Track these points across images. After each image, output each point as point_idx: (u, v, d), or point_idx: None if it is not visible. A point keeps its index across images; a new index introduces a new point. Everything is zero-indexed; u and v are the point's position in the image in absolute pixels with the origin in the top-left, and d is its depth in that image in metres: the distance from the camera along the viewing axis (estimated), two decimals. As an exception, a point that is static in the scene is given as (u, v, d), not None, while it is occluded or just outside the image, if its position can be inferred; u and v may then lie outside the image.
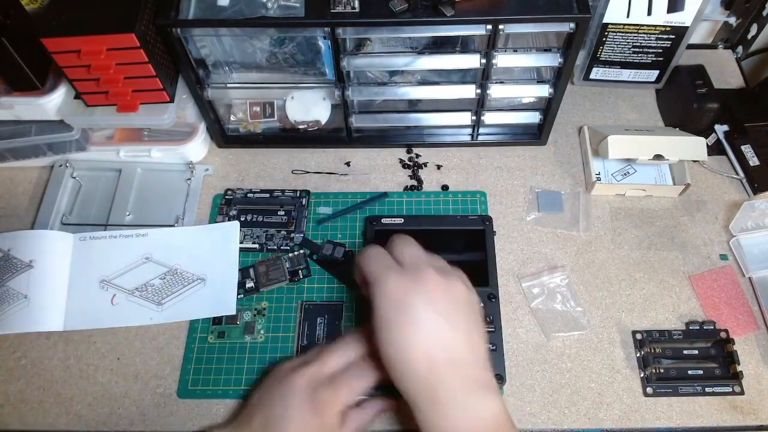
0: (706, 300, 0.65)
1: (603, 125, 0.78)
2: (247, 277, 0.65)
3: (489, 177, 0.74)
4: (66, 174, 0.73)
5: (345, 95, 0.67)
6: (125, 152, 0.72)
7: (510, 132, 0.76)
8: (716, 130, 0.75)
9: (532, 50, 0.64)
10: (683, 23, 0.70)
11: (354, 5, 0.57)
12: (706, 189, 0.73)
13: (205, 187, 0.73)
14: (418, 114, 0.73)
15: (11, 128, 0.69)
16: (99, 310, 0.63)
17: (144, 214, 0.71)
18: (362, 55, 0.64)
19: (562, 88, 0.67)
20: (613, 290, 0.66)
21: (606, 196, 0.72)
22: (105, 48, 0.58)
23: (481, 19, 0.58)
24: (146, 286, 0.65)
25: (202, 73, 0.66)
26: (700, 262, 0.67)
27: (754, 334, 0.63)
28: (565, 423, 0.58)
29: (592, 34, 0.74)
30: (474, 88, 0.67)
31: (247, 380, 0.60)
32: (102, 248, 0.67)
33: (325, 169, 0.75)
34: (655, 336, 0.62)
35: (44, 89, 0.65)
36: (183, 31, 0.60)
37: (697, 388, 0.59)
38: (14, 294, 0.63)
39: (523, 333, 0.63)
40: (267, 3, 0.57)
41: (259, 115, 0.73)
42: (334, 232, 0.69)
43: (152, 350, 0.62)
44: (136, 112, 0.65)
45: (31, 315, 0.62)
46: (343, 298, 0.65)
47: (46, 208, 0.70)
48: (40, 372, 0.61)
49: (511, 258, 0.68)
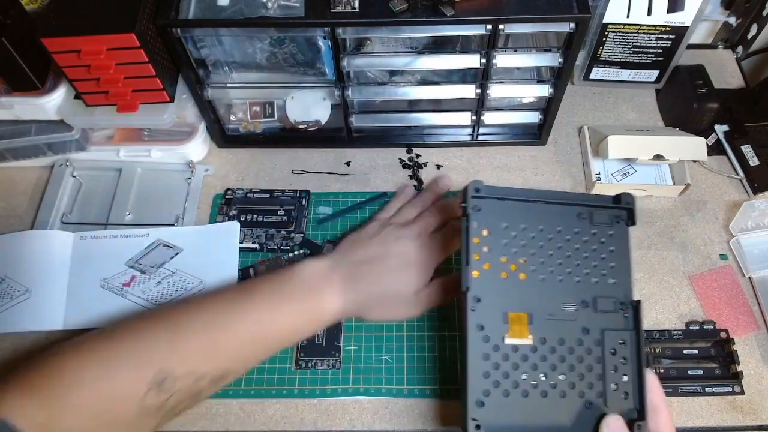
0: (706, 300, 0.65)
1: (603, 125, 0.78)
2: (247, 277, 0.65)
3: (489, 177, 0.74)
4: (66, 174, 0.73)
5: (345, 95, 0.67)
6: (125, 152, 0.72)
7: (510, 132, 0.76)
8: (716, 130, 0.75)
9: (532, 50, 0.64)
10: (683, 23, 0.70)
11: (354, 5, 0.57)
12: (706, 189, 0.73)
13: (205, 186, 0.73)
14: (418, 114, 0.73)
15: (11, 128, 0.69)
16: (99, 309, 0.63)
17: (144, 213, 0.71)
18: (362, 55, 0.64)
19: (562, 88, 0.67)
20: (613, 290, 0.66)
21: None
22: (105, 48, 0.58)
23: (481, 19, 0.58)
24: (146, 287, 0.65)
25: (202, 73, 0.66)
26: (700, 262, 0.67)
27: (754, 334, 0.63)
28: (565, 423, 0.58)
29: (592, 34, 0.74)
30: (474, 88, 0.67)
31: (247, 380, 0.60)
32: (102, 248, 0.67)
33: (325, 169, 0.75)
34: (655, 336, 0.62)
35: (44, 89, 0.65)
36: (183, 31, 0.60)
37: (697, 388, 0.59)
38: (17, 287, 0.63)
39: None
40: (267, 3, 0.57)
41: (259, 115, 0.73)
42: (334, 232, 0.69)
43: (152, 350, 0.62)
44: (136, 112, 0.65)
45: (32, 312, 0.62)
46: (343, 298, 0.65)
47: (46, 207, 0.70)
48: (40, 372, 0.61)
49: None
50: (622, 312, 0.47)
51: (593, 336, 0.46)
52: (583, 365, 0.45)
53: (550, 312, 0.46)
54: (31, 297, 0.63)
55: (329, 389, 0.60)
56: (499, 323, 0.45)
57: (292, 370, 0.61)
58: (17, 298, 0.63)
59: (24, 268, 0.65)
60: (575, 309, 0.47)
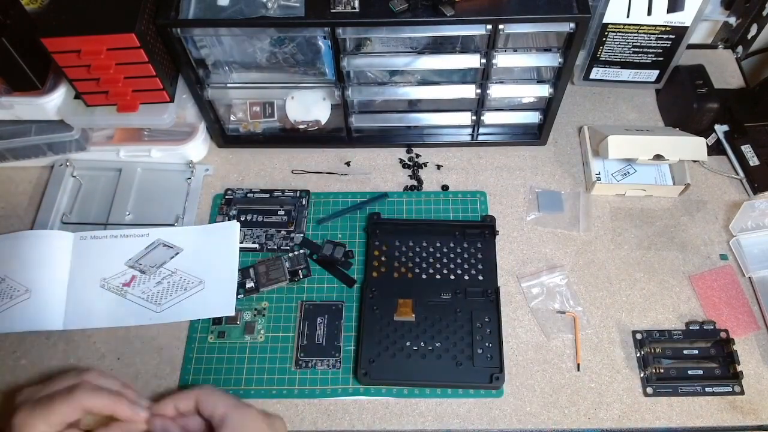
0: (706, 300, 0.65)
1: (603, 125, 0.78)
2: (247, 277, 0.65)
3: (489, 177, 0.74)
4: (66, 173, 0.73)
5: (345, 95, 0.67)
6: (125, 152, 0.72)
7: (510, 132, 0.76)
8: (716, 130, 0.75)
9: (532, 50, 0.64)
10: (683, 23, 0.70)
11: (354, 5, 0.57)
12: (706, 189, 0.73)
13: (205, 186, 0.73)
14: (418, 114, 0.73)
15: (11, 128, 0.69)
16: (99, 309, 0.63)
17: (144, 213, 0.71)
18: (362, 55, 0.64)
19: (562, 88, 0.67)
20: (613, 290, 0.66)
21: (606, 196, 0.72)
22: (105, 48, 0.58)
23: (481, 19, 0.58)
24: (146, 287, 0.65)
25: (202, 73, 0.66)
26: (700, 262, 0.67)
27: (754, 334, 0.63)
28: (565, 423, 0.58)
29: (592, 34, 0.74)
30: (474, 88, 0.67)
31: (248, 380, 0.60)
32: (102, 248, 0.67)
33: (325, 169, 0.75)
34: (655, 336, 0.62)
35: (44, 89, 0.65)
36: (183, 31, 0.60)
37: (697, 388, 0.59)
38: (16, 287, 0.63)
39: (523, 333, 0.63)
40: (267, 3, 0.57)
41: (259, 115, 0.73)
42: (334, 232, 0.69)
43: (152, 350, 0.62)
44: (136, 112, 0.65)
45: (32, 312, 0.62)
46: (343, 298, 0.65)
47: (46, 207, 0.70)
48: (40, 372, 0.61)
49: (511, 258, 0.68)
50: (488, 297, 0.64)
51: (465, 315, 0.63)
52: (457, 336, 0.61)
53: (430, 299, 0.64)
54: (31, 297, 0.63)
55: (329, 389, 0.60)
56: (390, 306, 0.63)
57: (292, 370, 0.61)
58: (17, 298, 0.63)
59: (24, 268, 0.65)
60: (450, 296, 0.64)
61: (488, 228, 0.68)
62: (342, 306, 0.64)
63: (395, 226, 0.68)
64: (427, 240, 0.67)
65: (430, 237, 0.67)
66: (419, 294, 0.64)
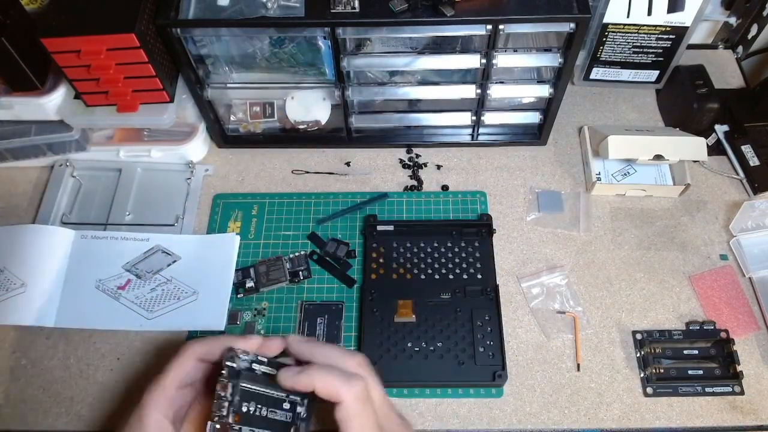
0: (706, 300, 0.65)
1: (603, 125, 0.78)
2: (248, 277, 0.65)
3: (489, 177, 0.74)
4: (66, 174, 0.73)
5: (345, 95, 0.67)
6: (125, 152, 0.72)
7: (510, 132, 0.76)
8: (716, 130, 0.75)
9: (532, 50, 0.64)
10: (683, 23, 0.70)
11: (354, 5, 0.57)
12: (706, 189, 0.73)
13: (205, 187, 0.73)
14: (418, 114, 0.73)
15: (11, 128, 0.69)
16: (91, 310, 0.63)
17: (144, 213, 0.70)
18: (362, 55, 0.64)
19: (562, 88, 0.67)
20: (613, 290, 0.66)
21: (606, 196, 0.72)
22: (105, 48, 0.58)
23: (481, 19, 0.58)
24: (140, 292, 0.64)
25: (202, 73, 0.66)
26: (700, 262, 0.67)
27: (754, 334, 0.63)
28: (565, 423, 0.58)
29: (592, 34, 0.74)
30: (474, 88, 0.67)
31: (247, 380, 0.60)
32: (101, 248, 0.67)
33: (325, 169, 0.75)
34: (655, 336, 0.62)
35: (44, 89, 0.65)
36: (183, 31, 0.60)
37: (697, 388, 0.59)
38: (13, 280, 0.63)
39: (523, 333, 0.63)
40: (267, 3, 0.57)
41: (259, 115, 0.73)
42: (334, 232, 0.69)
43: (152, 350, 0.62)
44: (136, 112, 0.65)
45: (25, 306, 0.62)
46: (343, 298, 0.65)
47: (46, 207, 0.70)
48: (40, 372, 0.61)
49: (511, 258, 0.68)
50: (487, 296, 0.63)
51: (465, 314, 0.62)
52: (458, 335, 0.61)
53: (430, 299, 0.63)
54: (27, 291, 0.63)
55: (329, 389, 0.60)
56: (390, 308, 0.63)
57: (292, 370, 0.61)
58: (13, 290, 0.63)
59: (22, 261, 0.64)
60: (450, 296, 0.63)
61: (485, 226, 0.68)
62: (342, 306, 0.64)
63: (391, 229, 0.68)
64: (424, 240, 0.67)
65: (427, 237, 0.67)
66: (419, 294, 0.64)
